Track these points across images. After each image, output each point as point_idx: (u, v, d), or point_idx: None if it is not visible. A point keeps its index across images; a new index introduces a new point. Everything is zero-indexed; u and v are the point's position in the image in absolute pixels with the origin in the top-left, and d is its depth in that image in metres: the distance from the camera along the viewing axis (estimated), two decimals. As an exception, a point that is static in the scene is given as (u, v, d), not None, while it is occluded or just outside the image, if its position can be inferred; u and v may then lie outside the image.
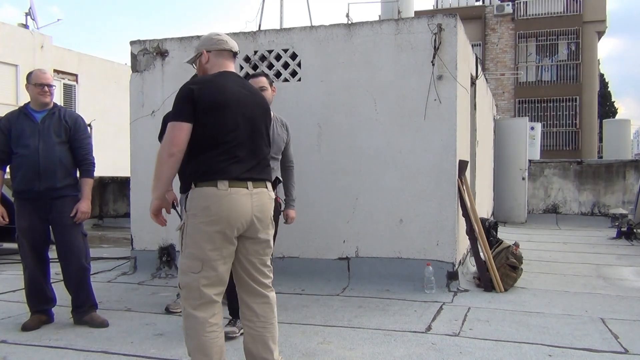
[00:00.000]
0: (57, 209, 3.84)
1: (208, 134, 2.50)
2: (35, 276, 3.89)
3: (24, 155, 3.79)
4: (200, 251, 2.47)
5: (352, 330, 3.77)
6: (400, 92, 5.11)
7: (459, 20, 5.10)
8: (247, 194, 2.52)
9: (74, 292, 3.94)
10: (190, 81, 2.71)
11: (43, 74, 3.92)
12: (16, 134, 3.82)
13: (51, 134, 3.83)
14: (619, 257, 7.02)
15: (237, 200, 2.49)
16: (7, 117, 3.93)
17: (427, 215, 5.01)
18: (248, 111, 2.61)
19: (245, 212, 2.51)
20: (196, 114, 2.49)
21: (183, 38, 5.81)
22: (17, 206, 3.87)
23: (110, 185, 12.06)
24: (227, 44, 2.72)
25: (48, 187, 3.79)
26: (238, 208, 2.49)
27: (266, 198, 2.63)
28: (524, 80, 21.86)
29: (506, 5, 21.77)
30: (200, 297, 2.48)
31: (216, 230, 2.46)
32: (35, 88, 3.86)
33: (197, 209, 2.49)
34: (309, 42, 5.40)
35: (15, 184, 3.85)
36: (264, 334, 2.62)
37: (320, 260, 5.26)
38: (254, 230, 2.57)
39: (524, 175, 11.19)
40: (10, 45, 14.41)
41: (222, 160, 2.49)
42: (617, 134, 16.49)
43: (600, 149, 22.08)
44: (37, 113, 3.89)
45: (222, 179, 2.47)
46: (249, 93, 2.68)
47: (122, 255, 6.83)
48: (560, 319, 4.06)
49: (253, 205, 2.54)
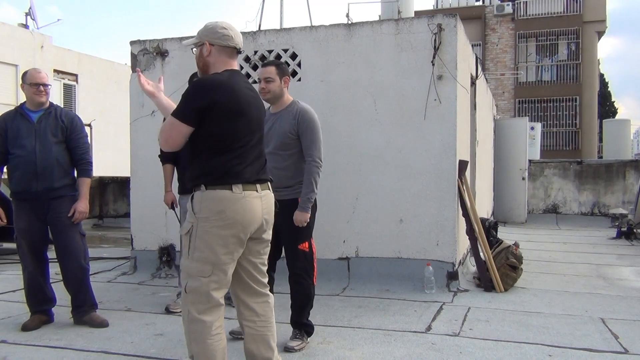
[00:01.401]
0: (55, 209, 3.83)
1: (223, 138, 2.44)
2: (35, 276, 3.88)
3: (20, 156, 3.77)
4: (214, 255, 2.42)
5: (352, 330, 3.77)
6: (400, 92, 5.11)
7: (459, 20, 5.10)
8: (257, 197, 2.52)
9: (73, 292, 3.93)
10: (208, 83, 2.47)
11: (38, 73, 3.89)
12: (12, 134, 3.80)
13: (48, 134, 3.81)
14: (619, 257, 7.02)
15: (250, 203, 2.49)
16: (3, 117, 3.90)
17: (427, 215, 5.01)
18: (257, 114, 2.60)
19: (257, 215, 2.52)
20: (211, 118, 2.40)
21: (183, 38, 5.81)
22: (14, 206, 3.86)
23: (110, 185, 12.06)
24: (232, 40, 2.56)
25: (46, 188, 3.78)
26: (251, 211, 2.49)
27: (272, 199, 2.64)
28: (524, 80, 21.85)
29: (506, 5, 21.76)
30: (208, 302, 2.44)
31: (231, 234, 2.44)
32: (31, 88, 3.83)
33: (211, 213, 2.42)
34: (309, 42, 5.40)
35: (13, 184, 3.83)
36: (265, 333, 2.61)
37: (320, 260, 5.22)
38: (260, 231, 2.57)
39: (524, 175, 11.18)
40: (10, 45, 14.40)
41: (236, 164, 2.46)
42: (617, 134, 16.48)
43: (600, 149, 22.07)
44: (33, 113, 3.87)
45: (237, 183, 2.45)
46: (255, 95, 2.66)
47: (122, 255, 6.83)
48: (560, 319, 4.06)
49: (263, 207, 2.54)
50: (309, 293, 3.48)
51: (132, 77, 5.97)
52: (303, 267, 3.46)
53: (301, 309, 3.48)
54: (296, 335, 3.44)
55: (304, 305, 3.48)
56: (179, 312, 3.98)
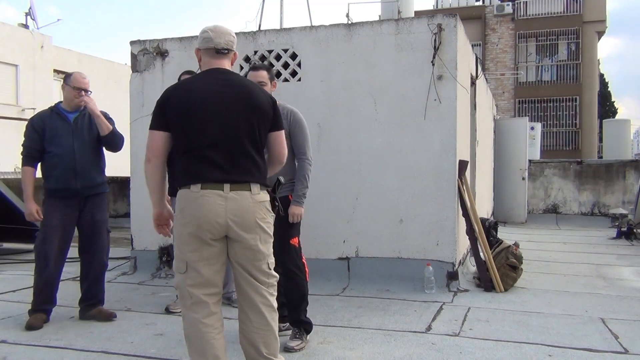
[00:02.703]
0: (91, 205, 4.01)
1: (180, 139, 2.54)
2: (53, 276, 3.95)
3: (59, 155, 3.89)
4: (181, 252, 2.52)
5: (352, 330, 3.77)
6: (400, 92, 5.11)
7: (459, 20, 5.10)
8: (220, 197, 2.46)
9: (87, 286, 4.05)
10: (167, 89, 2.67)
11: (83, 78, 4.03)
12: (50, 133, 3.92)
13: (84, 134, 3.98)
14: (619, 257, 7.02)
15: (207, 202, 2.45)
16: (39, 116, 4.03)
17: (427, 215, 5.01)
18: (221, 109, 2.51)
19: (217, 215, 2.45)
20: (170, 121, 2.53)
21: (183, 38, 5.81)
22: (48, 205, 3.95)
23: (110, 185, 11.99)
24: (212, 41, 2.59)
25: (85, 185, 3.94)
26: (209, 211, 2.45)
27: (246, 201, 2.50)
28: (524, 80, 21.85)
29: (506, 5, 21.76)
30: (189, 297, 2.50)
31: (189, 232, 2.48)
32: (73, 91, 3.97)
33: (177, 211, 2.54)
34: (309, 42, 5.40)
35: (51, 182, 3.93)
36: (255, 339, 2.56)
37: (320, 260, 5.25)
38: (234, 234, 2.49)
39: (524, 175, 11.19)
40: (10, 45, 14.41)
41: (194, 163, 2.50)
42: (617, 134, 16.48)
43: (600, 149, 22.07)
44: (69, 114, 4.01)
45: (195, 182, 2.47)
46: (229, 90, 2.55)
47: (122, 255, 6.82)
48: (560, 319, 4.06)
49: (227, 209, 2.46)
50: (303, 289, 3.50)
51: (132, 77, 5.98)
52: (295, 263, 3.47)
53: (297, 306, 3.47)
54: (295, 335, 3.43)
55: (299, 301, 3.48)
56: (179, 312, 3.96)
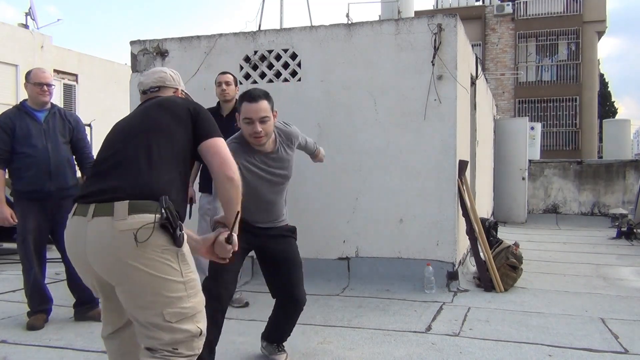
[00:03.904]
0: (65, 208, 3.82)
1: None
2: (38, 277, 3.90)
3: (32, 156, 3.75)
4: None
5: (352, 330, 3.77)
6: (400, 92, 5.11)
7: (459, 20, 5.10)
8: (81, 221, 1.86)
9: (79, 291, 3.93)
10: None
11: (42, 72, 3.90)
12: (22, 133, 3.76)
13: (57, 134, 3.85)
14: (619, 257, 7.02)
15: (70, 230, 1.93)
16: (7, 115, 3.83)
17: (427, 215, 5.01)
18: (125, 123, 2.19)
19: (76, 243, 1.90)
20: None
21: (183, 38, 5.81)
22: (21, 207, 3.81)
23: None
24: (141, 84, 2.46)
25: (59, 187, 3.82)
26: (72, 241, 1.93)
27: (104, 228, 1.80)
28: (524, 80, 21.85)
29: (506, 5, 21.75)
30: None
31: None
32: (35, 87, 3.83)
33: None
34: (309, 42, 5.40)
35: (22, 184, 3.79)
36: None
37: (320, 260, 5.25)
38: (102, 273, 1.91)
39: (524, 175, 11.18)
40: (10, 45, 14.39)
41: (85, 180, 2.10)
42: (617, 134, 16.46)
43: (600, 149, 22.05)
44: (38, 112, 3.87)
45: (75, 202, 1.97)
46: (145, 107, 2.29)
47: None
48: (560, 319, 4.06)
49: (87, 239, 1.85)
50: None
51: (132, 77, 5.97)
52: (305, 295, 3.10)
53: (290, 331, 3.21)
54: (279, 348, 3.23)
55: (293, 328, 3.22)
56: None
